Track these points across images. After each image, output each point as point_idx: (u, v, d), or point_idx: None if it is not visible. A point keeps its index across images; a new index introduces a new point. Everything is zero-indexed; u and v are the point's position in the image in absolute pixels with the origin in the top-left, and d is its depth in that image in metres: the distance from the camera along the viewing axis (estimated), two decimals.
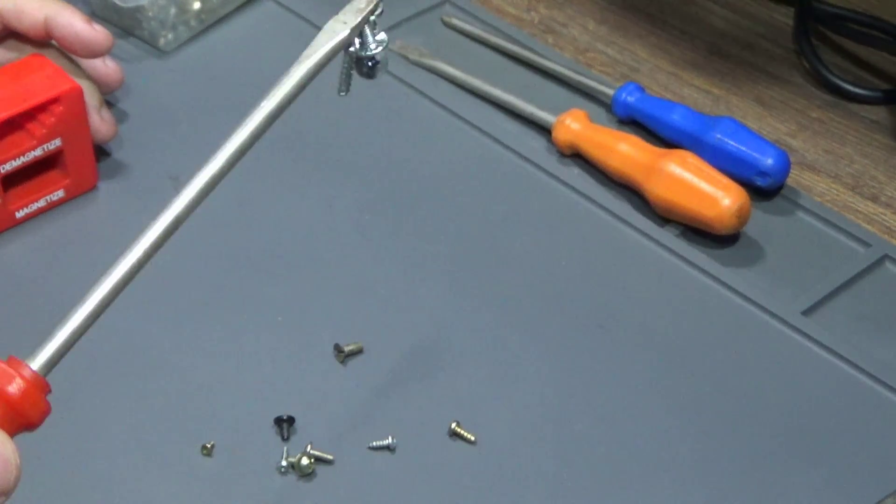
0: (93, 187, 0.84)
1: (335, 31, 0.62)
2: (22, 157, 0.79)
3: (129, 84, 0.90)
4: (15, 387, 0.53)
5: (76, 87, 0.80)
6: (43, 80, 0.80)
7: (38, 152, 0.79)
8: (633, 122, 0.89)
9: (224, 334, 0.76)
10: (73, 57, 0.83)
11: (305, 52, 0.61)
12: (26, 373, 0.53)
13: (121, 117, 0.88)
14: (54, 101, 0.79)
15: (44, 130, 0.79)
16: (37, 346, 0.54)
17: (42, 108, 0.79)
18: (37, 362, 0.54)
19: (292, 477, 0.69)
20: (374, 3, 0.64)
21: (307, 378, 0.74)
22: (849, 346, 0.77)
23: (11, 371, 0.53)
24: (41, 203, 0.82)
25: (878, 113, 0.92)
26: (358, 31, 0.63)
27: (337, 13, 0.63)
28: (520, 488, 0.69)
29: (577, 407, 0.73)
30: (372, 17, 0.64)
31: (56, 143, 0.80)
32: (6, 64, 0.82)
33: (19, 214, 0.82)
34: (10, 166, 0.79)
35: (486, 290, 0.79)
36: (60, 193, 0.82)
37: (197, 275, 0.79)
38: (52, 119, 0.79)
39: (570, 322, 0.77)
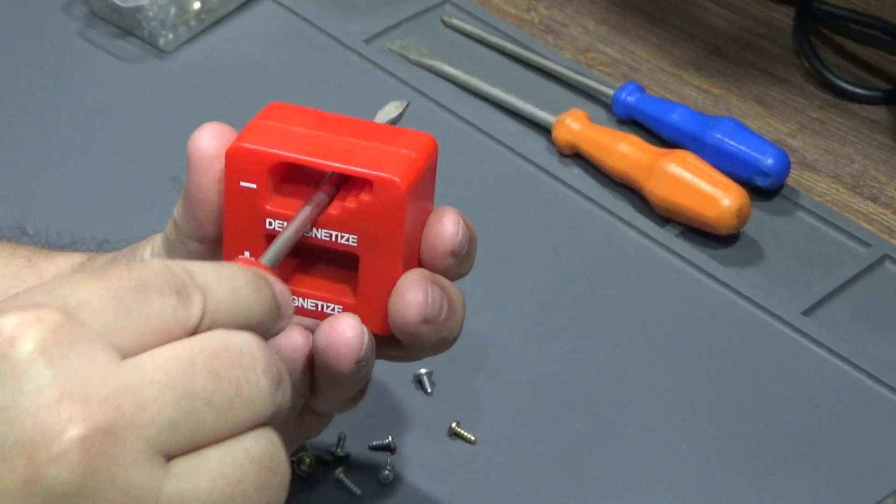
0: None
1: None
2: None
3: (129, 84, 0.90)
4: None
5: (408, 181, 0.57)
6: (394, 155, 0.58)
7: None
8: (633, 122, 0.89)
9: None
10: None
11: None
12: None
13: (121, 117, 0.88)
14: (367, 183, 0.57)
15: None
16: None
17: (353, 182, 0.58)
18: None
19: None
20: (405, 106, 0.62)
21: None
22: (849, 346, 0.77)
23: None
24: None
25: (878, 113, 0.92)
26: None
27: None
28: (520, 488, 0.69)
29: (577, 407, 0.73)
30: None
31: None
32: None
33: None
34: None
35: (485, 289, 0.78)
36: None
37: None
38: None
39: (570, 322, 0.77)
